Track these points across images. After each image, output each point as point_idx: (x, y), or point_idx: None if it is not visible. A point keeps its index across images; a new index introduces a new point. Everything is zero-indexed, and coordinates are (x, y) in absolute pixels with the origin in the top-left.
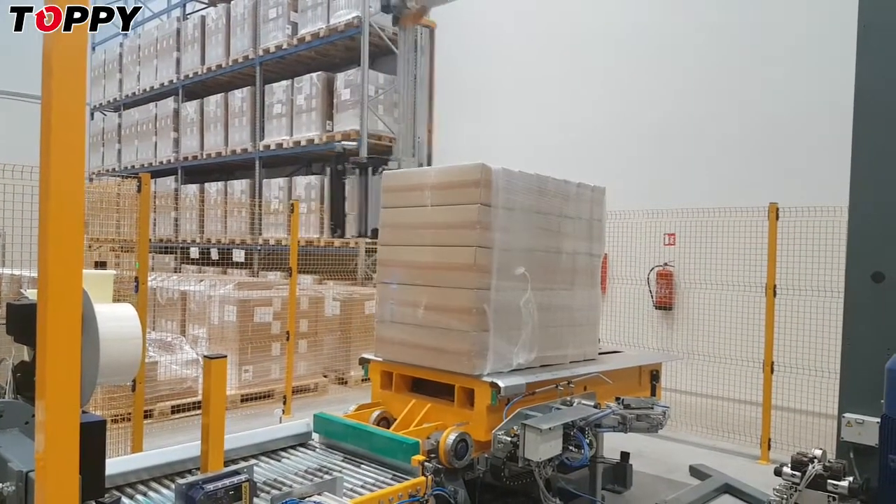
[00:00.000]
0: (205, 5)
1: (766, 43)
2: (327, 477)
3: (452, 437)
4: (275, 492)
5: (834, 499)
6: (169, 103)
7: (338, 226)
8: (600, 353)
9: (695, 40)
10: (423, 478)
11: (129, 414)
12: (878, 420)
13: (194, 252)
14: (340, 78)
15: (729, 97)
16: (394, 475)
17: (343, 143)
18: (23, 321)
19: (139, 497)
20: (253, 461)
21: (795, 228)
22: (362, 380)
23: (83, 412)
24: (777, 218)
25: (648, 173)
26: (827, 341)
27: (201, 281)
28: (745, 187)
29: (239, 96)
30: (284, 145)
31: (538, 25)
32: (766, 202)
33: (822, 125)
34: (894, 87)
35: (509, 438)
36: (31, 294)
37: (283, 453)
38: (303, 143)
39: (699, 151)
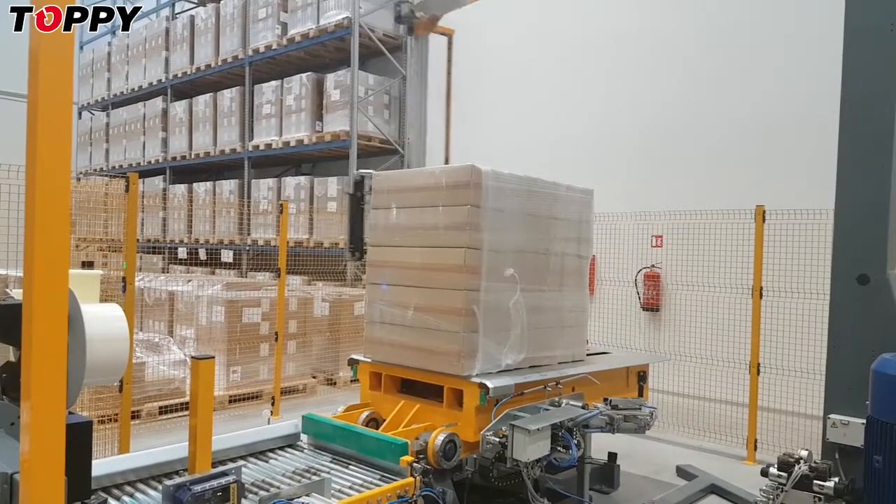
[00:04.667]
0: (194, 5)
1: (753, 47)
2: (315, 478)
3: (441, 437)
4: (263, 493)
5: (820, 499)
6: (157, 103)
7: (356, 249)
8: (588, 355)
9: (682, 45)
10: (411, 479)
11: (116, 415)
12: (864, 421)
13: (182, 252)
14: (330, 79)
15: (716, 101)
16: (382, 476)
17: (361, 171)
18: (8, 321)
19: (126, 498)
20: (241, 462)
21: (782, 231)
22: (351, 381)
23: (69, 413)
24: (763, 220)
25: (636, 176)
26: (812, 343)
27: (189, 281)
28: (733, 190)
29: (228, 96)
30: (273, 146)
31: (529, 31)
32: (753, 205)
33: (809, 128)
34: (880, 91)
35: (498, 439)
36: (16, 294)
37: (271, 454)
38: (292, 143)
39: (687, 154)
